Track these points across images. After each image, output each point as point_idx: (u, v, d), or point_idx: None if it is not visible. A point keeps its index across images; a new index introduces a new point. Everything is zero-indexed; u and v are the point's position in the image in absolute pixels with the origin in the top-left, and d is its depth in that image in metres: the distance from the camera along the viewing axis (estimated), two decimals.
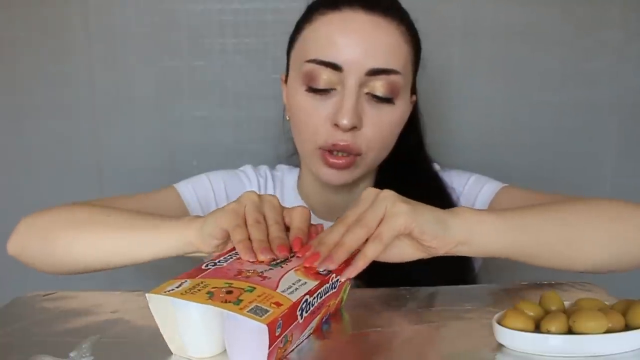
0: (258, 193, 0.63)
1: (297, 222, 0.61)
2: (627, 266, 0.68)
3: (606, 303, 0.53)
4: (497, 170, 0.94)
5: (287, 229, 0.62)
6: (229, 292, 0.49)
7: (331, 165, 0.78)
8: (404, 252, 0.61)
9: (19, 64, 1.13)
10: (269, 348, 0.46)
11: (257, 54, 1.12)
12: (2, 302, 0.68)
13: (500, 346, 0.51)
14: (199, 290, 0.49)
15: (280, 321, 0.47)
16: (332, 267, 0.55)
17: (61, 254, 0.73)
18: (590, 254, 0.66)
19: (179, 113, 1.14)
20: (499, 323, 0.52)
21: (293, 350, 0.52)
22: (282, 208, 0.63)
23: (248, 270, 0.54)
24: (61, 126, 1.14)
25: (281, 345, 0.48)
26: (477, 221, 0.61)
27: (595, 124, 1.16)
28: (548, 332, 0.49)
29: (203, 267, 0.54)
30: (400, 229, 0.56)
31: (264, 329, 0.45)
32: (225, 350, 0.52)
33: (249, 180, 0.92)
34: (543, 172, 1.16)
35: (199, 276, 0.52)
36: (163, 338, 0.52)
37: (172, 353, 0.52)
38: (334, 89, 0.77)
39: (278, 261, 0.56)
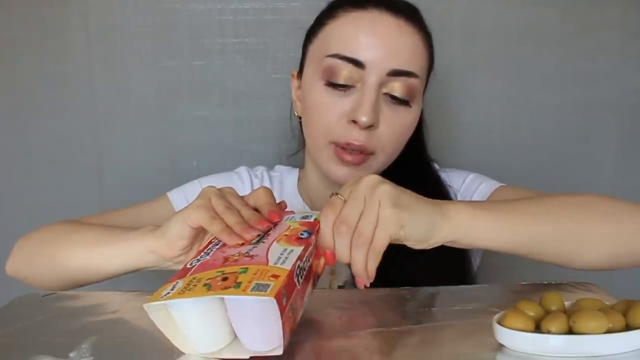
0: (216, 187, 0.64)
1: (263, 199, 0.62)
2: (623, 266, 0.68)
3: (607, 303, 0.53)
4: (497, 170, 0.94)
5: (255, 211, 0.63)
6: (225, 279, 0.49)
7: (344, 161, 0.78)
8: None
9: (19, 64, 1.13)
10: (282, 319, 0.47)
11: (257, 54, 1.12)
12: (2, 302, 0.68)
13: (500, 346, 0.51)
14: (195, 285, 0.49)
15: (284, 291, 0.48)
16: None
17: (44, 274, 0.77)
18: (586, 254, 0.66)
19: (179, 113, 1.14)
20: (499, 323, 0.52)
21: (299, 321, 0.53)
22: (248, 196, 0.64)
23: (233, 255, 0.54)
24: (61, 126, 1.14)
25: (290, 314, 0.49)
26: (467, 223, 0.61)
27: (595, 124, 1.16)
28: (548, 332, 0.49)
29: (188, 266, 0.54)
30: (391, 237, 0.57)
31: (272, 302, 0.46)
32: (230, 339, 0.52)
33: (242, 181, 0.92)
34: (542, 172, 1.16)
35: (188, 274, 0.52)
36: (163, 338, 0.52)
37: (172, 353, 0.52)
38: (354, 86, 0.77)
39: (258, 239, 0.57)
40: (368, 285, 0.58)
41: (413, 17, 0.79)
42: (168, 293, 0.49)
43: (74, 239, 0.75)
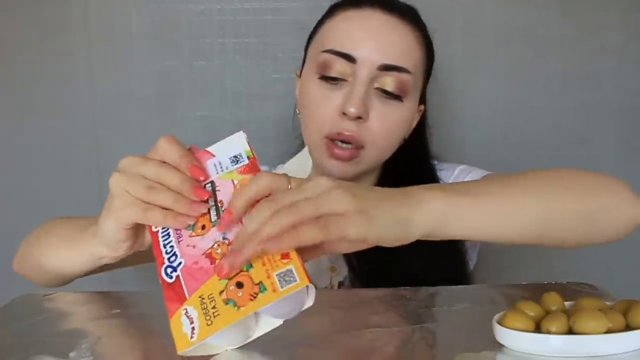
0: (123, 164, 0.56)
1: (174, 154, 0.54)
2: (617, 237, 0.65)
3: (606, 303, 0.53)
4: (497, 170, 0.94)
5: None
6: (240, 285, 0.45)
7: (335, 156, 0.79)
8: (357, 246, 0.51)
9: (19, 64, 1.13)
10: (310, 281, 0.45)
11: (257, 54, 1.12)
12: (2, 302, 0.68)
13: (500, 346, 0.51)
14: (214, 307, 0.45)
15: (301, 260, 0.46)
16: (238, 262, 0.46)
17: (34, 272, 0.76)
18: (577, 235, 0.62)
19: (179, 113, 1.14)
20: (499, 323, 0.52)
21: None
22: (151, 153, 0.56)
23: (215, 249, 0.50)
24: (61, 126, 1.14)
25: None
26: (443, 211, 0.53)
27: (596, 125, 1.16)
28: (548, 332, 0.49)
29: (169, 280, 0.49)
30: (351, 237, 0.48)
31: (310, 287, 0.45)
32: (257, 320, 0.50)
33: None
34: None
35: (189, 294, 0.47)
36: (162, 338, 0.52)
37: (172, 353, 0.52)
38: (346, 80, 0.79)
39: (216, 211, 0.52)
40: (226, 273, 0.46)
41: (407, 15, 0.81)
42: (194, 328, 0.45)
43: (47, 240, 0.72)
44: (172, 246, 0.52)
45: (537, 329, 0.51)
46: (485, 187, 0.58)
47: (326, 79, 0.79)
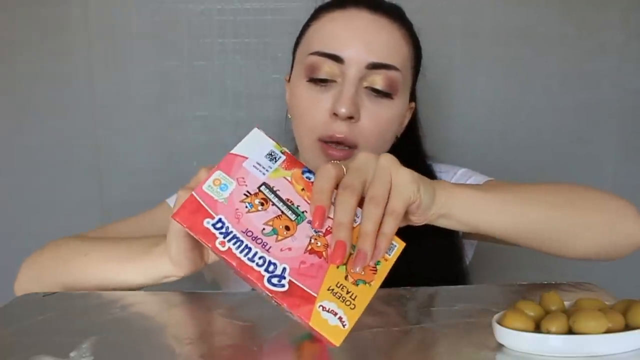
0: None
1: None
2: (615, 255, 0.71)
3: (606, 303, 0.53)
4: (496, 171, 0.94)
5: None
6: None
7: (331, 157, 0.78)
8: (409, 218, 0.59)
9: (19, 64, 1.13)
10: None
11: (257, 54, 1.12)
12: (2, 302, 0.68)
13: (500, 346, 0.51)
14: (348, 292, 0.49)
15: None
16: (365, 264, 0.50)
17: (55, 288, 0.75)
18: (580, 241, 0.68)
19: (179, 113, 1.14)
20: (499, 323, 0.52)
21: None
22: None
23: (311, 244, 0.51)
24: (61, 126, 1.14)
25: None
26: (458, 193, 0.60)
27: (596, 125, 1.16)
28: (548, 332, 0.49)
29: (281, 289, 0.49)
30: (410, 200, 0.54)
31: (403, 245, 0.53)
32: None
33: None
34: (543, 173, 1.16)
35: (317, 291, 0.49)
36: (163, 338, 0.52)
37: (172, 353, 0.52)
38: (335, 81, 0.78)
39: (296, 213, 0.53)
40: (369, 262, 0.50)
41: (392, 14, 0.81)
42: (340, 318, 0.48)
43: (90, 256, 0.73)
44: (261, 257, 0.50)
45: (537, 328, 0.51)
46: (492, 188, 0.66)
47: (315, 81, 0.79)
